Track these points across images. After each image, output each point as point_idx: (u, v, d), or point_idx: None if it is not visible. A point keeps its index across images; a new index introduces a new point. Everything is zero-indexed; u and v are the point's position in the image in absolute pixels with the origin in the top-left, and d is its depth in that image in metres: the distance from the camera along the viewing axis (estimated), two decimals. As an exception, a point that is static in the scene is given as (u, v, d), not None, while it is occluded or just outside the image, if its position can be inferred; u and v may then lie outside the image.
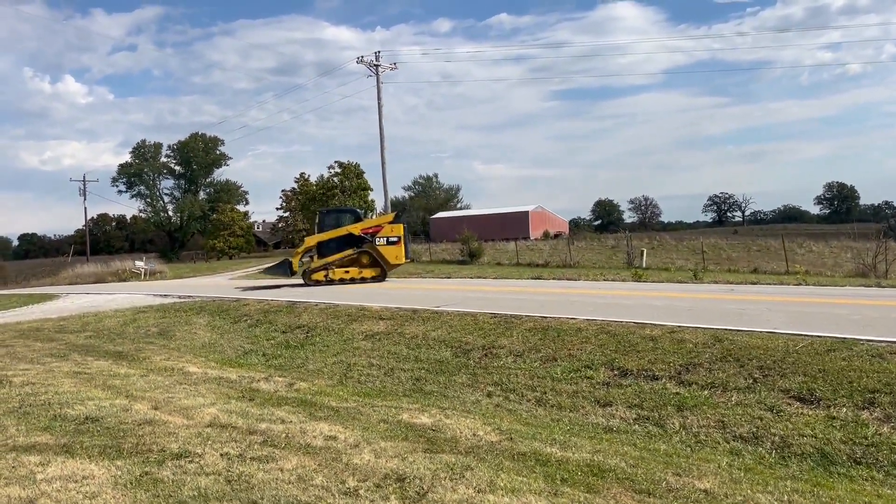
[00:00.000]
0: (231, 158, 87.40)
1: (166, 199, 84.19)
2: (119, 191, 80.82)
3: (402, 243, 21.14)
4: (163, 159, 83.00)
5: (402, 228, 21.41)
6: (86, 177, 68.28)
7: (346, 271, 20.74)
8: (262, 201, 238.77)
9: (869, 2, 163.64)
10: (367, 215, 34.91)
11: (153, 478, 4.47)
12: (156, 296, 20.18)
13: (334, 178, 59.75)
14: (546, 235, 65.80)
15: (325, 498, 4.17)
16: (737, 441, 5.92)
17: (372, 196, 59.39)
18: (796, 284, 16.78)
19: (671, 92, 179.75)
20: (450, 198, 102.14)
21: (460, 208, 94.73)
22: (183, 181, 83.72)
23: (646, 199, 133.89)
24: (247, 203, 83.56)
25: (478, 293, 15.91)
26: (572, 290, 16.15)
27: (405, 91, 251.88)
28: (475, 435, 5.76)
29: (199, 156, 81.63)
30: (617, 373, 7.72)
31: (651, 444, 5.96)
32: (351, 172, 59.61)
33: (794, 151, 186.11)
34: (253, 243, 77.46)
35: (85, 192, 66.38)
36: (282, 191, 74.98)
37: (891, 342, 7.23)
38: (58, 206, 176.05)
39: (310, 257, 21.46)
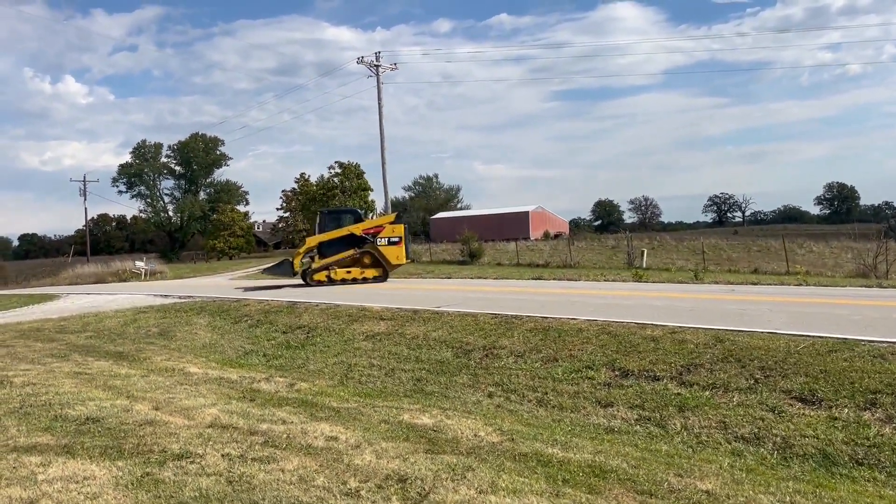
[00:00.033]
0: (231, 159, 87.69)
1: (166, 199, 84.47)
2: (119, 191, 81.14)
3: (403, 244, 21.20)
4: (163, 159, 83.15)
5: (402, 229, 21.45)
6: (86, 177, 68.40)
7: (347, 271, 20.77)
8: (262, 201, 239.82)
9: (869, 2, 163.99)
10: (367, 216, 34.91)
11: (154, 478, 4.47)
12: (156, 296, 20.18)
13: (335, 179, 59.72)
14: (546, 236, 65.78)
15: (327, 499, 4.16)
16: (738, 442, 5.92)
17: (372, 196, 59.42)
18: (797, 285, 16.77)
19: (671, 92, 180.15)
20: (450, 198, 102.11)
21: (460, 209, 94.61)
22: (183, 181, 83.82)
23: (646, 199, 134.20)
24: (247, 203, 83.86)
25: (478, 293, 15.91)
26: (573, 290, 16.15)
27: (405, 91, 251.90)
28: (476, 435, 5.76)
29: (200, 156, 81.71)
30: (618, 373, 7.72)
31: (652, 444, 5.95)
32: (351, 173, 59.57)
33: (794, 152, 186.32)
34: (253, 244, 77.49)
35: (85, 193, 66.49)
36: (282, 191, 75.25)
37: (892, 343, 7.23)
38: (58, 206, 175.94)
39: (311, 258, 21.49)
